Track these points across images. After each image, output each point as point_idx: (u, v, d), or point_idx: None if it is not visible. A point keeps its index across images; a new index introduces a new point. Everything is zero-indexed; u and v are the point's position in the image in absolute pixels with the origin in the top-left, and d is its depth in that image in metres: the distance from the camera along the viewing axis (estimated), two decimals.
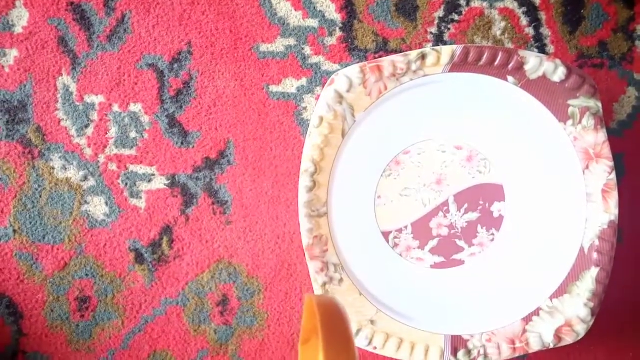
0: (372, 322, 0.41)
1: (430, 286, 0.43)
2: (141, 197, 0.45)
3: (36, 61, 0.45)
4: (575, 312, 0.40)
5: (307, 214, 0.40)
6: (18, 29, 0.44)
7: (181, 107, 0.45)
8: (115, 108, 0.45)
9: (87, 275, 0.45)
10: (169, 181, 0.45)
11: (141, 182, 0.45)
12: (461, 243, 0.43)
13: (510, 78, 0.39)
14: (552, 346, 0.40)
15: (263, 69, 0.45)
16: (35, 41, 0.44)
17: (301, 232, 0.40)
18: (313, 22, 0.45)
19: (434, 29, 0.46)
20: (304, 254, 0.41)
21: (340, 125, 0.40)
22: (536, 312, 0.41)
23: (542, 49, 0.46)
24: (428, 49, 0.39)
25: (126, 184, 0.45)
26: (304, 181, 0.40)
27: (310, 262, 0.40)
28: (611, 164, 0.39)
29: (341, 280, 0.41)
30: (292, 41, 0.45)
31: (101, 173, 0.45)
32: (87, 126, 0.45)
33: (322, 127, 0.39)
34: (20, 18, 0.44)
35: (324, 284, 0.41)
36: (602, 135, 0.39)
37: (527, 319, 0.41)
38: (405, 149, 0.42)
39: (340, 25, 0.46)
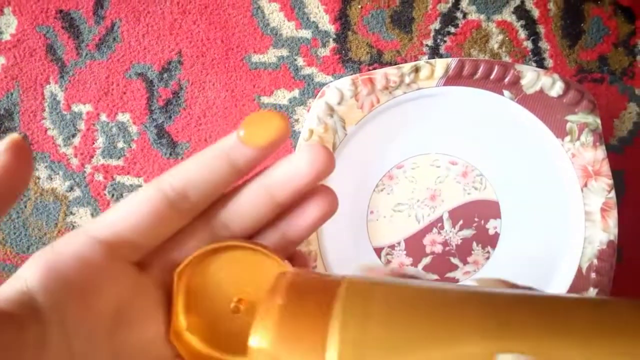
0: None
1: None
2: None
3: (24, 69, 0.44)
4: None
5: None
6: (6, 36, 0.44)
7: (170, 117, 0.44)
8: (103, 117, 0.44)
9: None
10: None
11: (128, 194, 0.44)
12: (455, 261, 0.42)
13: (506, 92, 0.38)
14: None
15: (254, 79, 0.45)
16: (23, 49, 0.44)
17: None
18: (306, 33, 0.45)
19: (429, 41, 0.45)
20: None
21: (331, 139, 0.39)
22: None
23: (540, 63, 0.45)
24: (422, 61, 0.38)
25: (113, 195, 0.44)
26: None
27: None
28: (610, 181, 0.38)
29: None
30: (284, 52, 0.45)
31: (87, 183, 0.44)
32: (74, 136, 0.44)
33: (311, 140, 0.38)
34: (9, 25, 0.44)
35: None
36: (601, 152, 0.38)
37: None
38: (399, 163, 0.41)
39: (334, 36, 0.45)
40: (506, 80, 0.38)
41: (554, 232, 0.40)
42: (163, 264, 0.20)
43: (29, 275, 0.17)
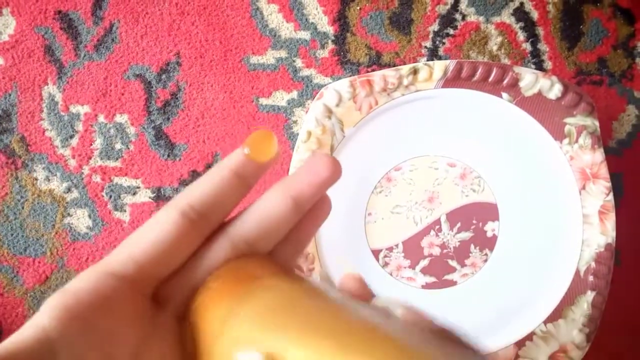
0: None
1: (420, 307, 0.41)
2: (125, 210, 0.44)
3: (22, 70, 0.44)
4: (570, 338, 0.38)
5: None
6: (4, 37, 0.44)
7: (168, 118, 0.44)
8: (101, 119, 0.44)
9: None
10: (154, 194, 0.44)
11: (126, 195, 0.44)
12: (453, 263, 0.42)
13: (504, 94, 0.38)
14: None
15: (253, 81, 0.44)
16: (21, 49, 0.44)
17: None
18: (305, 35, 0.45)
19: (428, 43, 0.45)
20: None
21: (329, 140, 0.39)
22: (529, 337, 0.39)
23: (539, 65, 0.45)
24: (420, 63, 0.37)
25: (110, 197, 0.44)
26: None
27: None
28: (608, 184, 0.38)
29: None
30: (283, 53, 0.45)
31: (85, 185, 0.44)
32: (71, 137, 0.44)
33: (309, 142, 0.38)
34: (7, 26, 0.44)
35: None
36: (599, 155, 0.38)
37: (520, 344, 0.39)
38: (397, 165, 0.41)
39: (333, 37, 0.45)
40: (505, 82, 0.37)
41: (551, 235, 0.40)
42: (181, 294, 0.20)
43: (47, 324, 0.16)
